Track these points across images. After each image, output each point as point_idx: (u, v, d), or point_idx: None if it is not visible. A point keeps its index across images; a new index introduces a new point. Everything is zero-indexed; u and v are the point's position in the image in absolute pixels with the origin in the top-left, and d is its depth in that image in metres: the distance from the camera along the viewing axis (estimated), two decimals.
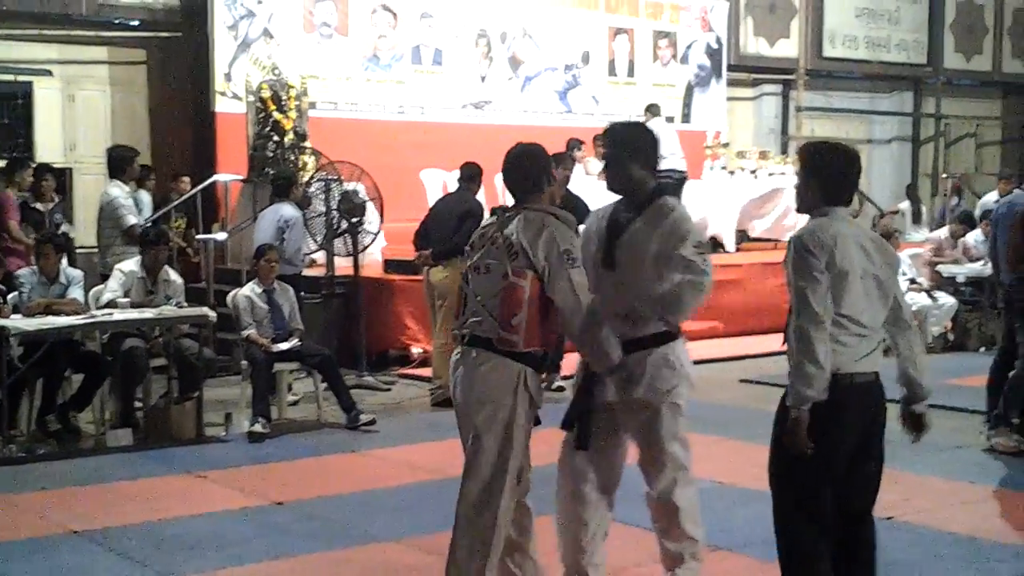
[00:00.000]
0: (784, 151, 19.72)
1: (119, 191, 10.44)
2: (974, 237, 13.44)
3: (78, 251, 11.91)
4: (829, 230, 4.47)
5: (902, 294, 4.72)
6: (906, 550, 6.00)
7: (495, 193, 14.43)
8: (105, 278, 9.58)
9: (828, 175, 4.60)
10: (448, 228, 10.03)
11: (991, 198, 14.57)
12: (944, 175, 21.51)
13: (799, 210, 4.76)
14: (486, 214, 5.94)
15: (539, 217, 4.92)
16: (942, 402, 9.59)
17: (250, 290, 9.52)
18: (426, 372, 10.77)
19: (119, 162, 10.62)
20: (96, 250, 10.93)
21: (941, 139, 22.57)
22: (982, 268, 12.27)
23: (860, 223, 4.73)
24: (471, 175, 10.50)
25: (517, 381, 4.86)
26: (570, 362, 10.80)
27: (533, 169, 5.07)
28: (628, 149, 5.01)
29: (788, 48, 20.33)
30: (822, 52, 20.76)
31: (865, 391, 4.48)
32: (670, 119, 16.50)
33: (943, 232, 14.43)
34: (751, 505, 6.97)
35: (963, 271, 13.36)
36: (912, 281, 12.78)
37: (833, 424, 4.42)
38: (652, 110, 15.47)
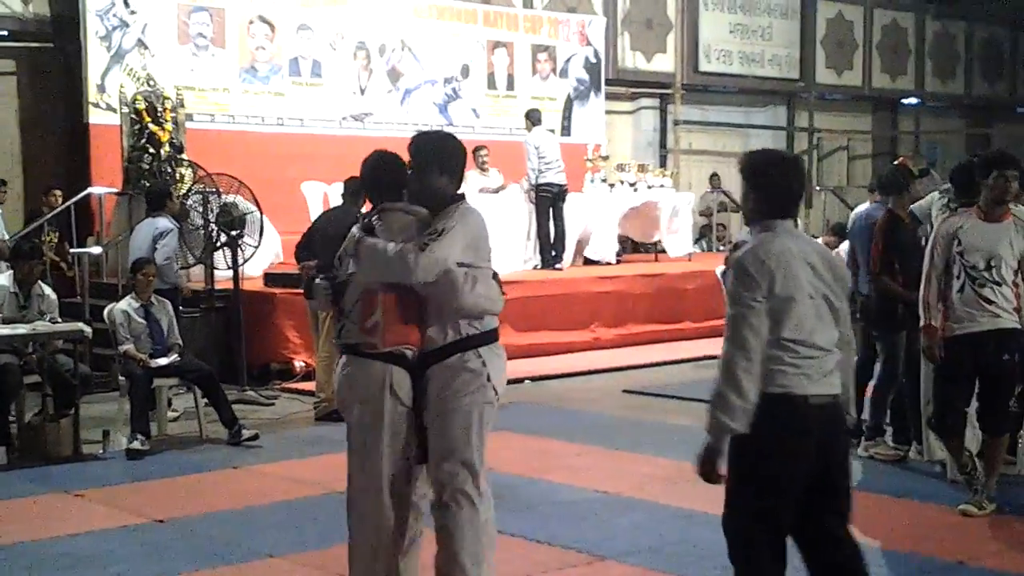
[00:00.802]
0: (663, 164, 19.97)
1: None
2: (846, 248, 13.69)
3: None
4: (773, 248, 4.29)
5: (848, 313, 4.50)
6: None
7: None
8: None
9: (770, 187, 4.40)
10: (333, 243, 9.94)
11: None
12: (818, 187, 21.96)
13: (747, 223, 4.61)
14: None
15: (395, 216, 5.02)
16: None
17: (127, 304, 9.34)
18: (309, 386, 10.67)
19: None
20: None
21: (814, 152, 23.04)
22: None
23: (807, 235, 4.55)
24: (355, 190, 10.41)
25: (383, 381, 4.88)
26: None
27: (387, 177, 5.16)
28: (431, 158, 5.01)
29: (665, 63, 20.58)
30: (698, 67, 21.03)
31: (822, 413, 4.29)
32: (551, 131, 16.56)
33: None
34: (633, 514, 7.06)
35: None
36: None
37: (791, 448, 4.26)
38: (532, 117, 15.19)
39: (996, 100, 26.44)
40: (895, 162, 9.67)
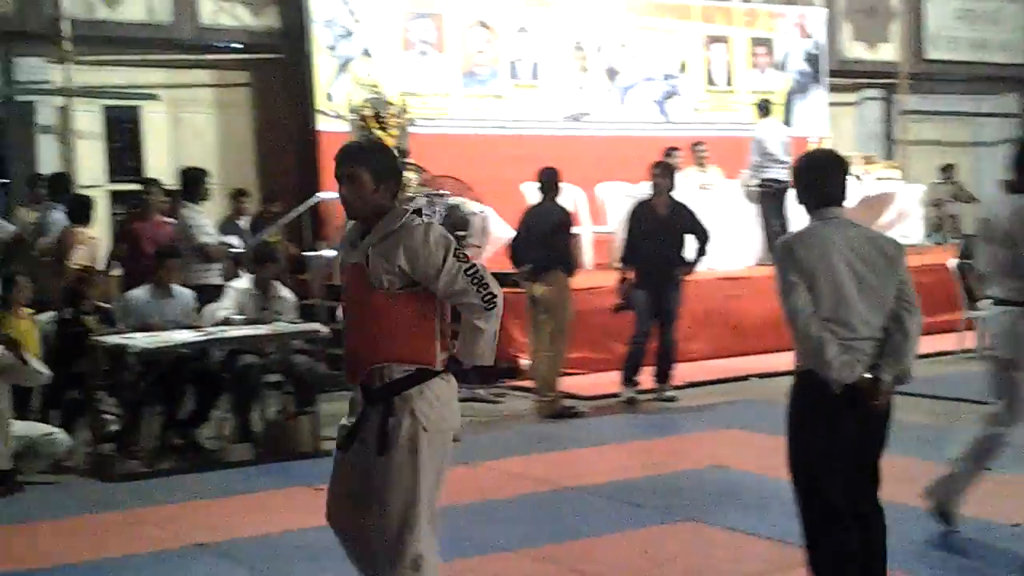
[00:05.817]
0: (889, 156, 19.45)
1: (190, 211, 10.60)
2: None
3: None
4: (812, 235, 4.76)
5: (910, 293, 4.83)
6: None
7: (594, 198, 14.39)
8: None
9: (806, 179, 4.98)
10: (541, 242, 10.07)
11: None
12: None
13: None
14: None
15: None
16: None
17: None
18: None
19: (192, 183, 10.79)
20: None
21: None
22: None
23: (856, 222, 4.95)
24: (551, 182, 10.47)
25: None
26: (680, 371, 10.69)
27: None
28: None
29: (889, 52, 20.04)
30: (924, 55, 20.43)
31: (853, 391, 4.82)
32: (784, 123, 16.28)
33: None
34: None
35: None
36: None
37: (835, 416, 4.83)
38: (761, 107, 15.07)
39: None
40: None
